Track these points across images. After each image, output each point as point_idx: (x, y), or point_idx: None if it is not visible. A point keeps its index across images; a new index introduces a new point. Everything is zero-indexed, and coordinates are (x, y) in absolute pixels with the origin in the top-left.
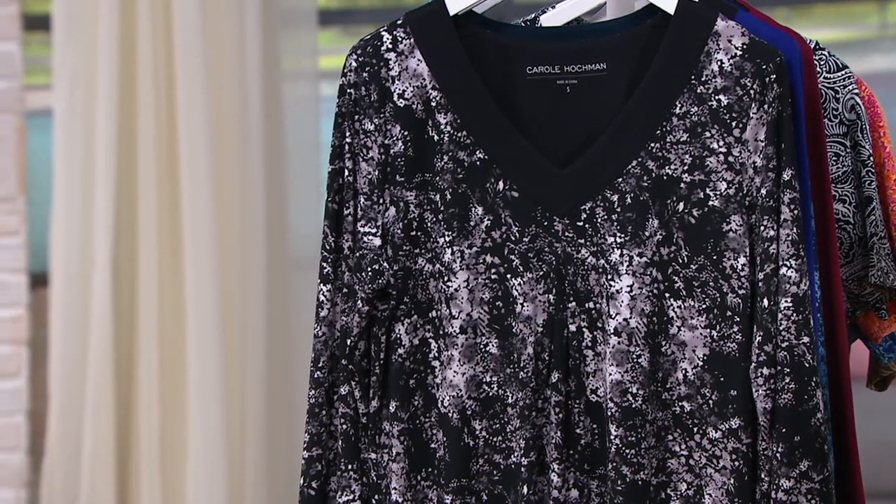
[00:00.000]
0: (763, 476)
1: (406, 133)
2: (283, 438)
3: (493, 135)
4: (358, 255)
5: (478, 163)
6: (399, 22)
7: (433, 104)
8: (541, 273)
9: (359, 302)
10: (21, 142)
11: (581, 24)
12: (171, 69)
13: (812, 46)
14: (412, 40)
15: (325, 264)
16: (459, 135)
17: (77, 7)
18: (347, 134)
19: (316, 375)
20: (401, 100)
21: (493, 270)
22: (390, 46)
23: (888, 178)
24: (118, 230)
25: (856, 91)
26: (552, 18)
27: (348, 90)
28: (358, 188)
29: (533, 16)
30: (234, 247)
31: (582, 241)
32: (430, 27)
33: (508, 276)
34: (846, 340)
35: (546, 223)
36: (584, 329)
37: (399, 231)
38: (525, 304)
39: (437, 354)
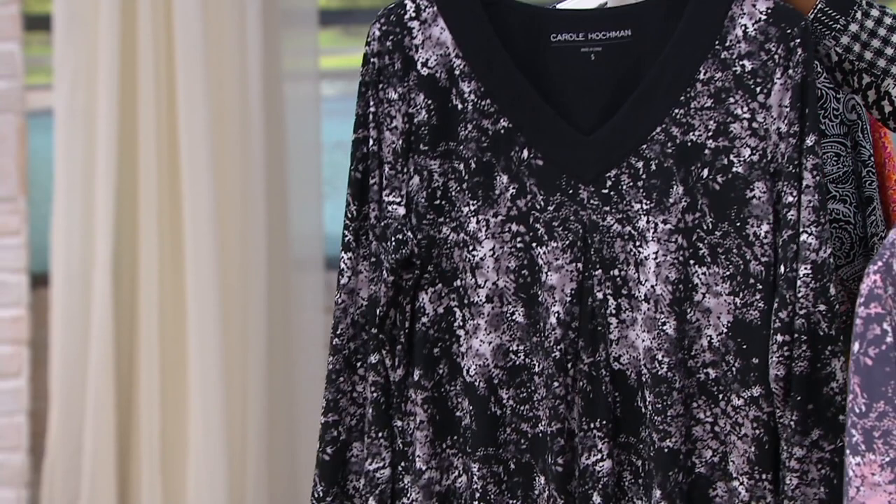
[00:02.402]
0: (782, 445)
1: (430, 102)
2: (284, 438)
3: (517, 103)
4: (383, 224)
5: (502, 131)
6: None
7: (457, 73)
8: (567, 242)
9: (384, 272)
10: (22, 142)
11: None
12: (171, 69)
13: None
14: (435, 8)
15: (346, 233)
16: (483, 103)
17: (78, 7)
18: (371, 103)
19: (335, 343)
20: (424, 68)
21: (518, 239)
22: (413, 15)
23: (889, 178)
24: (119, 230)
25: None
26: (571, 4)
27: (372, 59)
28: (382, 157)
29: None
30: (235, 246)
31: (607, 208)
32: None
33: (534, 244)
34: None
35: (571, 191)
36: (610, 297)
37: (423, 200)
38: (550, 272)
39: (461, 323)
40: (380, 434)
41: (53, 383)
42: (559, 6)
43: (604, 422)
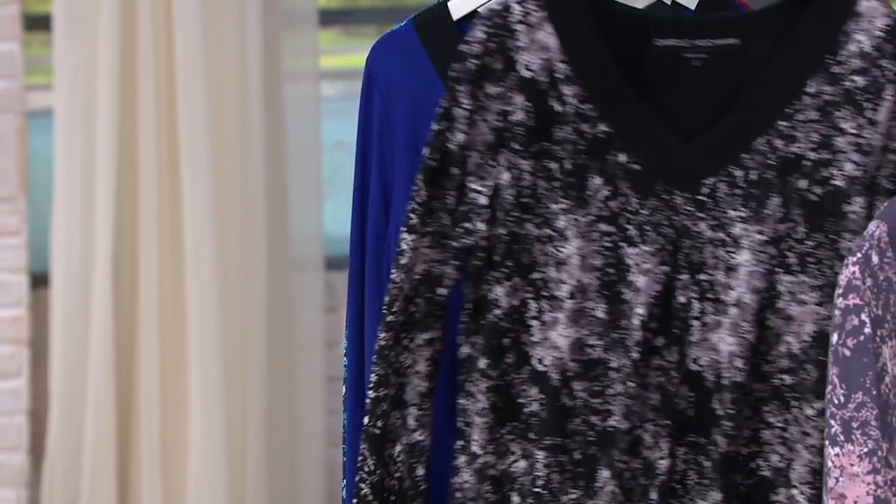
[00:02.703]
0: None
1: (528, 104)
2: (284, 438)
3: (618, 109)
4: (460, 209)
5: (601, 135)
6: None
7: (559, 76)
8: (657, 247)
9: (449, 253)
10: (22, 142)
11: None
12: (171, 69)
13: None
14: (545, 13)
15: (412, 215)
16: (584, 107)
17: (78, 7)
18: (463, 99)
19: (388, 319)
20: (526, 70)
21: (606, 239)
22: (520, 18)
23: None
24: (119, 230)
25: None
26: None
27: (471, 59)
28: (470, 148)
29: None
30: (235, 246)
31: (701, 214)
32: (565, 1)
33: (623, 244)
34: None
35: (666, 196)
36: (694, 300)
37: (510, 197)
38: (638, 274)
39: (536, 314)
40: (429, 407)
41: (53, 383)
42: None
43: (672, 421)
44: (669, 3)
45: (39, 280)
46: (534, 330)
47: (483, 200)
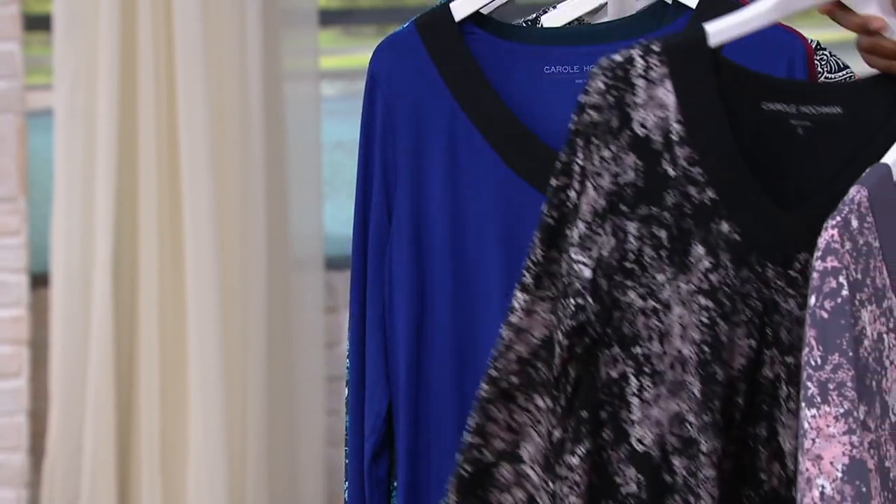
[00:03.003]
0: None
1: (639, 163)
2: (284, 438)
3: (726, 174)
4: (566, 282)
5: (707, 202)
6: (655, 48)
7: (674, 137)
8: (744, 318)
9: (560, 333)
10: (22, 142)
11: (608, 25)
12: (171, 69)
13: (814, 47)
14: (666, 70)
15: (527, 274)
16: (693, 170)
17: (78, 7)
18: (580, 155)
19: (493, 374)
20: (641, 129)
21: (705, 313)
22: (642, 73)
23: None
24: (119, 230)
25: None
26: (553, 19)
27: (588, 111)
28: (581, 212)
29: (534, 16)
30: (235, 247)
31: (791, 290)
32: (688, 58)
33: (720, 321)
34: None
35: (759, 268)
36: (783, 381)
37: (614, 262)
38: (725, 350)
39: (636, 392)
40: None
41: (53, 383)
42: (558, 7)
43: (758, 499)
44: (671, 2)
45: (39, 280)
46: (634, 407)
47: (588, 274)
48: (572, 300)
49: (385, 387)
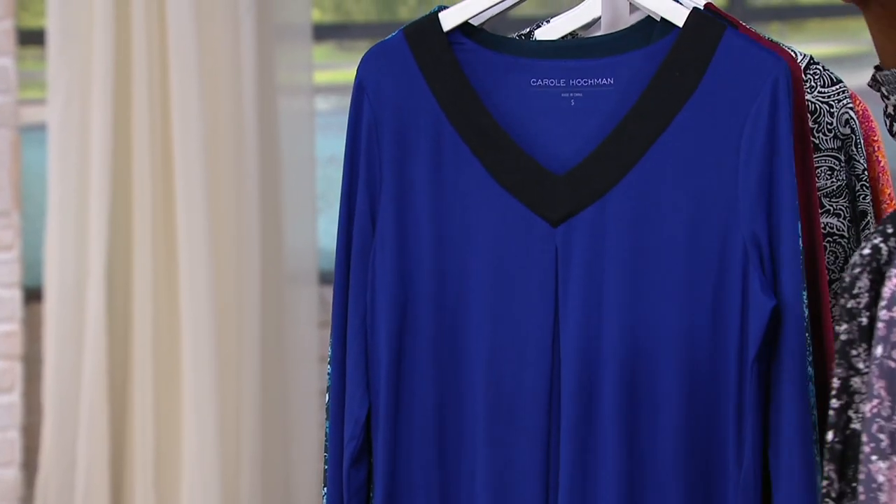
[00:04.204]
0: None
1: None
2: (279, 452)
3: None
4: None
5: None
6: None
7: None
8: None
9: None
10: (15, 156)
11: (597, 39)
12: (165, 83)
13: (806, 61)
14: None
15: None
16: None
17: (71, 22)
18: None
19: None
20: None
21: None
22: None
23: (882, 192)
24: (113, 244)
25: (850, 105)
26: (546, 33)
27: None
28: None
29: (528, 30)
30: (229, 260)
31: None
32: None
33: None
34: (833, 358)
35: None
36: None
37: None
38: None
39: None
40: None
41: (47, 398)
42: (552, 21)
43: None
44: (659, 19)
45: (33, 294)
46: None
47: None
48: None
49: (365, 394)
